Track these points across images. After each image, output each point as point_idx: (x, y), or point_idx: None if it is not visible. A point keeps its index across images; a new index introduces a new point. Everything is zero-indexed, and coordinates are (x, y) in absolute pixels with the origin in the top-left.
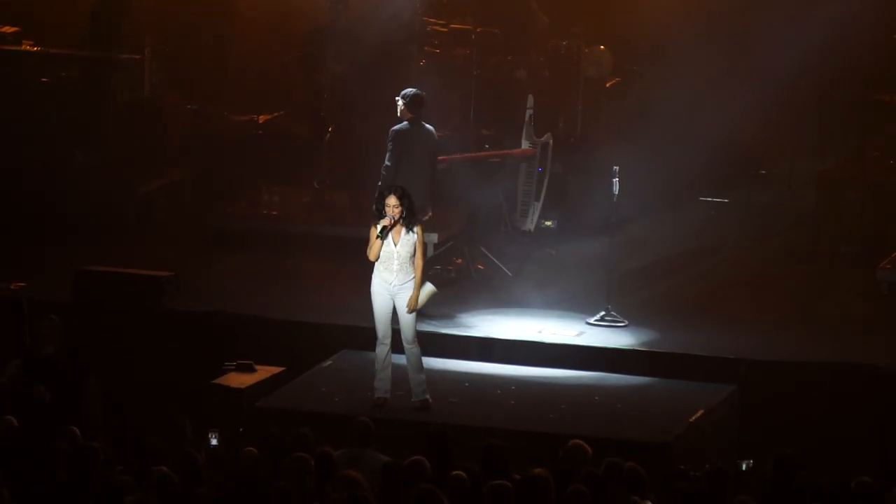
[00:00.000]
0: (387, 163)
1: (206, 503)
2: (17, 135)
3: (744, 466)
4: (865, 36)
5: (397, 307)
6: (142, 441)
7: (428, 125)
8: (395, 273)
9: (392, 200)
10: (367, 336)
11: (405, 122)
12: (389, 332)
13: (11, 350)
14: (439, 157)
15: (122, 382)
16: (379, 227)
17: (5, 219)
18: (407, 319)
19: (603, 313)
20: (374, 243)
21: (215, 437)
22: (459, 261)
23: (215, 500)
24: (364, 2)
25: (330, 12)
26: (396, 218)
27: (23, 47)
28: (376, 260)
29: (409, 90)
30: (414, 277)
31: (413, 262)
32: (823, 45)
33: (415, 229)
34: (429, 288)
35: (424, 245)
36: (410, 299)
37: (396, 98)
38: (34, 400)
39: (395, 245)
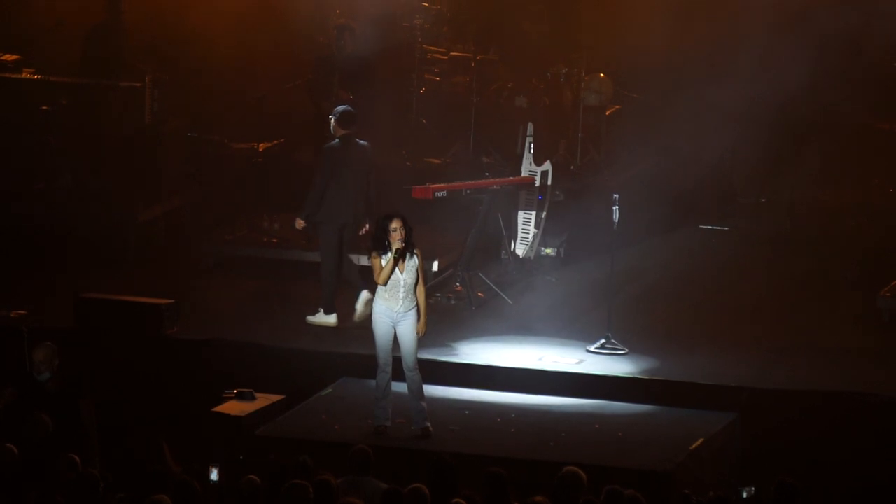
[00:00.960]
0: (316, 178)
1: None
2: (17, 162)
3: (745, 494)
4: (865, 63)
5: (398, 335)
6: (140, 468)
7: (361, 140)
8: (400, 301)
9: (397, 223)
10: (366, 364)
11: (337, 140)
12: (391, 360)
13: (12, 379)
14: (436, 186)
15: (120, 410)
16: (393, 251)
17: (5, 245)
18: (408, 346)
19: (603, 341)
20: (388, 264)
21: (215, 472)
22: (459, 288)
23: None
24: (368, 30)
25: (337, 41)
26: (401, 244)
27: (23, 75)
28: (385, 284)
29: (339, 107)
30: (415, 304)
31: (415, 290)
32: (823, 72)
33: (415, 254)
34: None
35: (424, 271)
36: (420, 325)
37: (329, 116)
38: (35, 428)
39: (402, 273)
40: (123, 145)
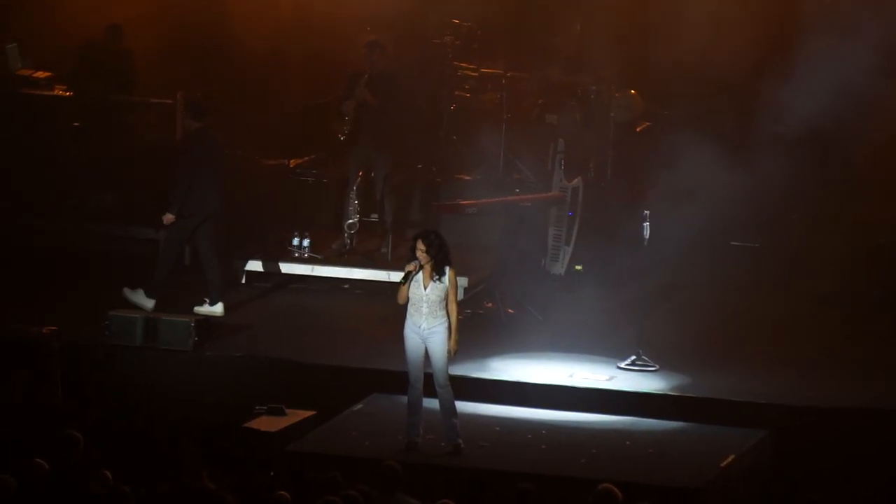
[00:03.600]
0: (181, 172)
1: None
2: (49, 178)
3: None
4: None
5: (429, 350)
6: (161, 485)
7: (214, 132)
8: (424, 317)
9: (419, 245)
10: (397, 380)
11: (196, 130)
12: (421, 376)
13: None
14: (467, 202)
15: (151, 424)
16: (404, 274)
17: (37, 261)
18: (439, 363)
19: (634, 357)
20: (401, 289)
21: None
22: (490, 304)
23: None
24: (399, 47)
25: (367, 57)
26: (422, 263)
27: (55, 92)
28: (405, 303)
29: (192, 101)
30: (444, 321)
31: (443, 307)
32: (852, 88)
33: (445, 275)
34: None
35: (457, 288)
36: (451, 344)
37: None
38: (66, 443)
39: (425, 289)
40: (154, 162)
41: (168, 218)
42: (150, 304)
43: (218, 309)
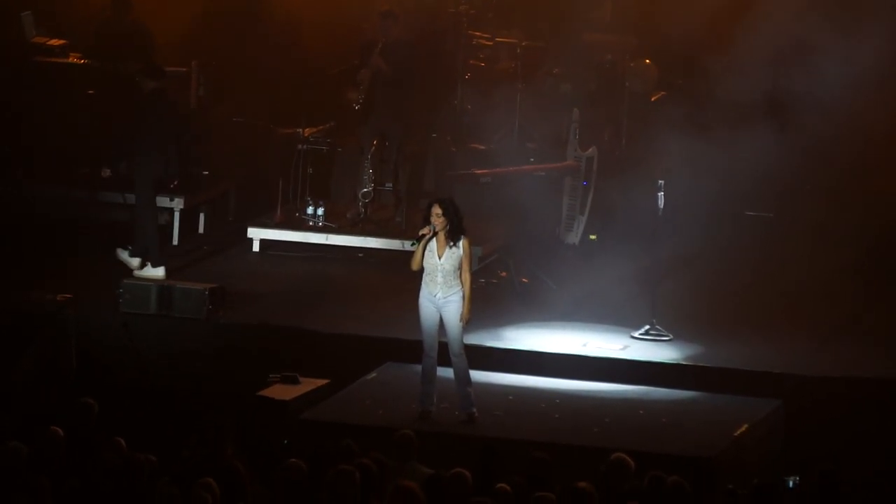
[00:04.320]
0: (133, 131)
1: None
2: (63, 147)
3: (791, 483)
4: None
5: (444, 320)
6: (185, 452)
7: (169, 96)
8: (438, 285)
9: (436, 210)
10: (411, 348)
11: (150, 91)
12: (436, 345)
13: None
14: (481, 171)
15: (167, 393)
16: (417, 238)
17: (51, 231)
18: (453, 332)
19: (648, 327)
20: (415, 254)
21: None
22: (504, 274)
23: None
24: (412, 16)
25: (381, 27)
26: (438, 228)
27: (70, 60)
28: (419, 270)
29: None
30: (459, 290)
31: (458, 276)
32: (874, 61)
33: (460, 243)
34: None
35: (471, 257)
36: (463, 312)
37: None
38: (82, 412)
39: (440, 258)
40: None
41: (105, 172)
42: (160, 272)
43: (160, 272)
